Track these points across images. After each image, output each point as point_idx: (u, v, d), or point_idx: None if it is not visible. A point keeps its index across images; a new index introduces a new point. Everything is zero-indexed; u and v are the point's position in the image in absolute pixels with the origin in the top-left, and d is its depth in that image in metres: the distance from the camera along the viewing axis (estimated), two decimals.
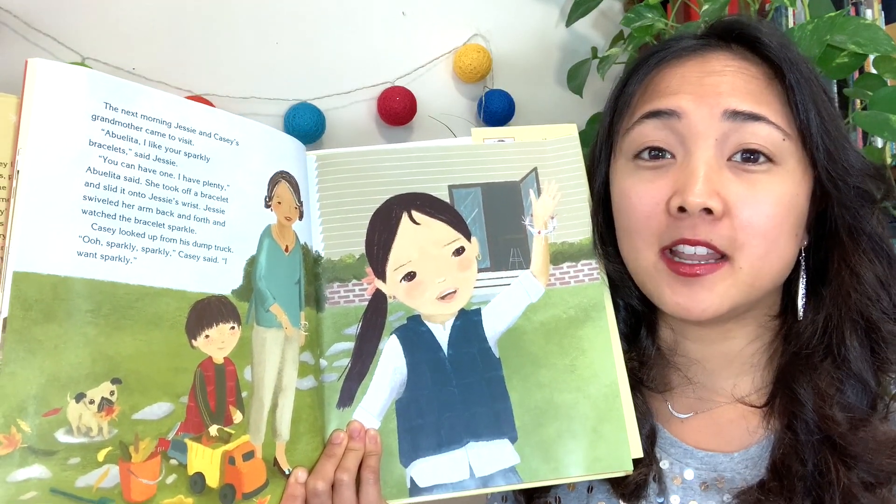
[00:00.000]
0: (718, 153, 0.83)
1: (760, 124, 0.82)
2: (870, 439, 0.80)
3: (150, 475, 0.72)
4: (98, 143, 0.73)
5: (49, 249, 0.69)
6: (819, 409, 0.82)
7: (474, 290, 0.91)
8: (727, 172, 0.82)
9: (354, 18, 1.72)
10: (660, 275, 0.86)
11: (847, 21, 1.29)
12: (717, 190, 0.81)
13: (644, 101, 0.89)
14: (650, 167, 0.87)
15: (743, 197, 0.81)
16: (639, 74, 0.92)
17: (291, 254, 0.86)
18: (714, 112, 0.83)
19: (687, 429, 0.92)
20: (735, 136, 0.82)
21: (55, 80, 0.72)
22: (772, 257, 0.83)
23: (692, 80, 0.86)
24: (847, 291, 0.85)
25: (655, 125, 0.86)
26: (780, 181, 0.83)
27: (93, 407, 0.69)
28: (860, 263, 0.85)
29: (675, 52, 0.90)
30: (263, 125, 0.88)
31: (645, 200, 0.86)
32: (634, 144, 0.88)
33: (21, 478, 0.65)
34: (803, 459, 0.82)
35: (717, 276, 0.83)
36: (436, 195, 0.93)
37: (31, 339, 0.67)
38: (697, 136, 0.83)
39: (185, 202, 0.78)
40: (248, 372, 0.80)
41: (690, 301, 0.84)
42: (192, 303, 0.77)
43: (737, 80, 0.84)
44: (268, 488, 0.80)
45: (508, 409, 0.88)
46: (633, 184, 0.88)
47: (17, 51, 1.48)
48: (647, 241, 0.87)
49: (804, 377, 0.84)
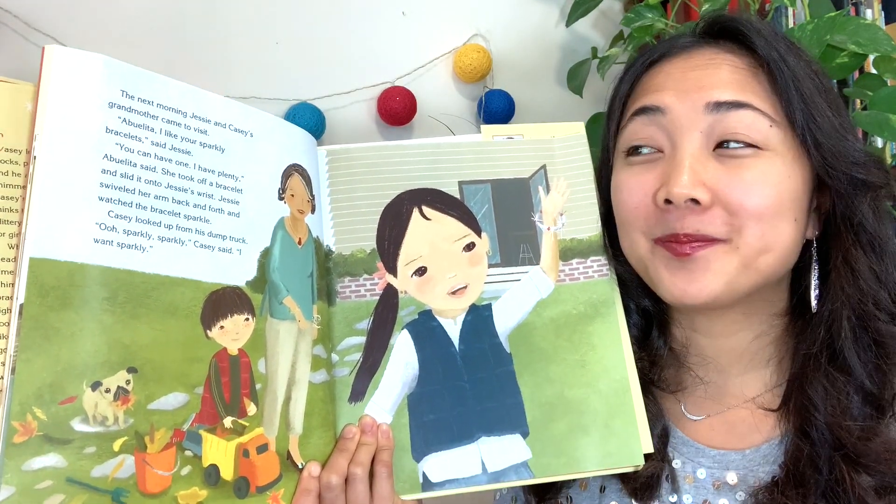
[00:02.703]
0: (704, 144, 0.83)
1: (745, 111, 0.83)
2: (881, 448, 0.80)
3: (165, 466, 0.71)
4: (115, 131, 0.72)
5: (66, 236, 0.68)
6: (831, 416, 0.82)
7: (485, 286, 0.91)
8: (713, 162, 0.83)
9: (354, 18, 1.72)
10: (657, 259, 0.86)
11: (847, 21, 1.30)
12: (702, 180, 0.82)
13: (633, 100, 0.91)
14: (640, 162, 0.88)
15: (729, 182, 0.82)
16: (629, 75, 0.94)
17: (304, 247, 0.86)
18: (697, 106, 0.84)
19: (700, 429, 0.92)
20: (720, 127, 0.83)
21: (72, 66, 0.71)
22: (770, 238, 0.83)
23: (676, 76, 0.87)
24: (842, 285, 0.85)
25: (643, 122, 0.88)
26: (769, 163, 0.83)
27: (109, 396, 0.68)
28: (856, 257, 0.85)
29: (662, 50, 0.92)
30: (277, 118, 0.88)
31: (634, 193, 0.87)
32: (626, 142, 0.90)
33: (37, 466, 0.64)
34: (817, 464, 0.81)
35: (712, 251, 0.82)
36: (446, 191, 0.93)
37: (47, 326, 0.66)
38: (682, 130, 0.84)
39: (200, 192, 0.78)
40: (261, 364, 0.80)
41: (689, 284, 0.83)
42: (207, 293, 0.77)
43: (721, 72, 0.85)
44: (281, 482, 0.79)
45: (519, 404, 0.88)
46: (625, 178, 0.89)
47: (18, 51, 1.47)
48: (639, 230, 0.88)
49: (815, 378, 0.84)
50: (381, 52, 1.73)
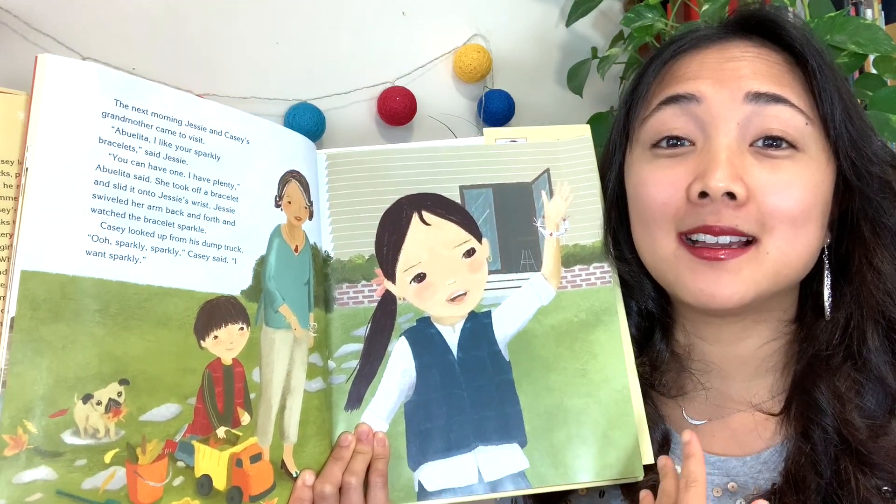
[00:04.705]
0: (740, 138, 0.81)
1: (783, 107, 0.81)
2: (890, 447, 0.79)
3: (156, 477, 0.71)
4: (108, 141, 0.72)
5: (57, 248, 0.68)
6: (839, 415, 0.81)
7: (485, 293, 0.90)
8: (749, 157, 0.81)
9: (354, 18, 1.71)
10: (680, 262, 0.84)
11: (847, 21, 1.29)
12: (739, 174, 0.80)
13: (662, 89, 0.88)
14: (668, 155, 0.85)
15: (767, 182, 0.80)
16: (655, 64, 0.91)
17: (301, 254, 0.86)
18: (735, 95, 0.81)
19: (700, 435, 0.90)
20: (757, 120, 0.81)
21: (65, 76, 0.71)
22: (799, 245, 0.82)
23: (712, 65, 0.85)
24: (869, 289, 0.83)
25: (674, 112, 0.85)
26: (805, 167, 0.81)
27: (100, 408, 0.68)
28: (883, 259, 0.84)
29: (692, 40, 0.89)
30: (274, 124, 0.87)
31: (662, 187, 0.84)
32: (652, 132, 0.87)
33: (27, 479, 0.64)
34: (820, 470, 0.80)
35: (742, 259, 0.81)
36: (447, 196, 0.92)
37: (38, 339, 0.66)
38: (718, 121, 0.82)
39: (194, 201, 0.77)
40: (256, 373, 0.80)
41: (715, 286, 0.81)
42: (200, 303, 0.76)
43: (758, 64, 0.84)
44: (275, 491, 0.79)
45: (518, 413, 0.87)
46: (651, 171, 0.86)
47: (18, 51, 1.46)
48: (663, 228, 0.85)
49: (823, 381, 0.83)
50: (381, 52, 1.71)
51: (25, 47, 1.46)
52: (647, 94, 0.90)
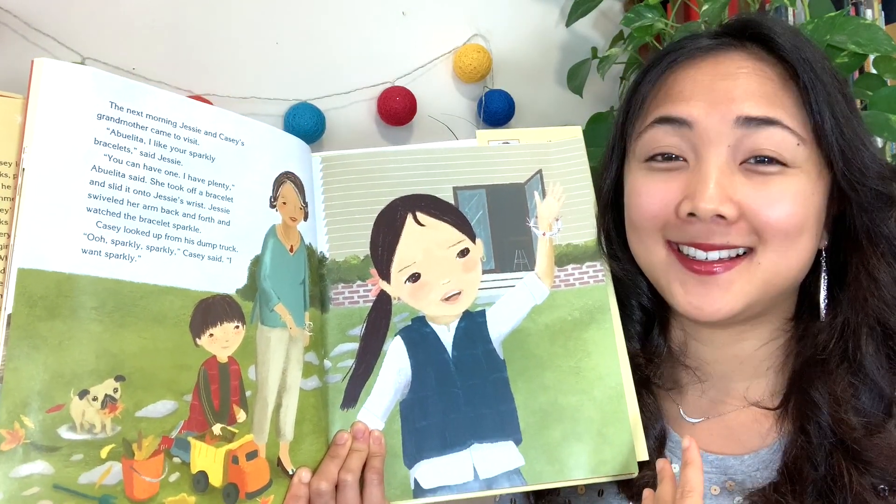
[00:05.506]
0: (731, 158, 0.82)
1: (774, 129, 0.81)
2: (884, 445, 0.79)
3: (152, 473, 0.72)
4: (103, 142, 0.73)
5: (54, 247, 0.69)
6: (834, 413, 0.81)
7: (479, 292, 0.91)
8: (739, 176, 0.81)
9: (354, 18, 1.71)
10: (672, 271, 0.85)
11: (847, 21, 1.29)
12: (729, 195, 0.80)
13: (656, 105, 0.88)
14: (663, 169, 0.86)
15: (757, 199, 0.81)
16: (651, 75, 0.90)
17: (296, 254, 0.86)
18: (726, 119, 0.81)
19: (697, 432, 0.91)
20: (748, 142, 0.81)
21: (61, 79, 0.72)
22: (791, 256, 0.82)
23: (705, 84, 0.85)
24: (864, 296, 0.84)
25: (667, 131, 0.85)
26: (796, 181, 0.82)
27: (96, 404, 0.69)
28: (878, 268, 0.84)
29: (688, 52, 0.88)
30: (269, 126, 0.88)
31: (654, 200, 0.85)
32: (646, 148, 0.87)
33: (24, 473, 0.65)
34: (815, 463, 0.81)
35: (734, 272, 0.82)
36: (440, 197, 0.93)
37: (35, 336, 0.67)
38: (709, 144, 0.82)
39: (190, 201, 0.78)
40: (252, 371, 0.80)
41: (703, 300, 0.83)
42: (196, 301, 0.77)
43: (751, 82, 0.83)
44: (271, 488, 0.80)
45: (513, 411, 0.87)
46: (645, 183, 0.87)
47: (18, 51, 1.47)
48: (653, 237, 0.86)
49: (820, 381, 0.83)
50: (381, 52, 1.72)
51: (25, 47, 1.47)
52: (643, 109, 0.90)
